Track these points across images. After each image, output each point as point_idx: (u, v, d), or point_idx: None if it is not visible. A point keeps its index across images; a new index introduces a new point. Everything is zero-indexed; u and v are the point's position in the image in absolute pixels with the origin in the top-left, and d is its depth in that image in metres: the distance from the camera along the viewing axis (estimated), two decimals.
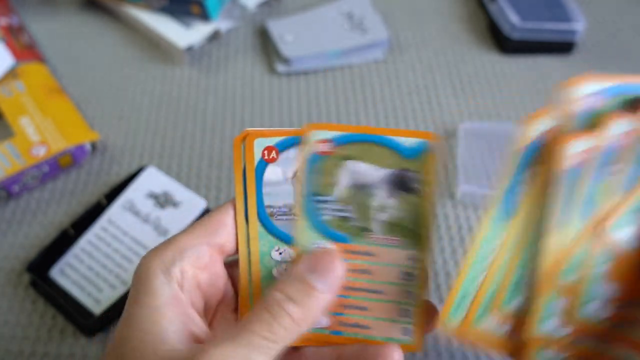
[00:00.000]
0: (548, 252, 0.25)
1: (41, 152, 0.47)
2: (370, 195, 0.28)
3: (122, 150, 0.51)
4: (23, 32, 0.58)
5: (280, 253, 0.29)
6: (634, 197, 0.25)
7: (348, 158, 0.28)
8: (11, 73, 0.53)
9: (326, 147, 0.28)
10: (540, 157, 0.26)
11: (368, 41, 0.57)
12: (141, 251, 0.43)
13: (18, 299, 0.42)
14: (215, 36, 0.58)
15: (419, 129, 0.53)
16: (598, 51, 0.59)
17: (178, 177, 0.49)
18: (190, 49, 0.57)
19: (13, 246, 0.45)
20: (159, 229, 0.44)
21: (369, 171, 0.28)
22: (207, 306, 0.29)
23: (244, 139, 0.28)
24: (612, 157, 0.25)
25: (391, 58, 0.59)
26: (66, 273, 0.42)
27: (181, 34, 0.57)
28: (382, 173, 0.28)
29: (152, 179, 0.46)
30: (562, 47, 0.58)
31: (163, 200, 0.45)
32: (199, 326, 0.27)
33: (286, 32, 0.58)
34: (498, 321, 0.27)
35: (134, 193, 0.45)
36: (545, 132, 0.25)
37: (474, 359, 0.39)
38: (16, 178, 0.46)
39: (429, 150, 0.28)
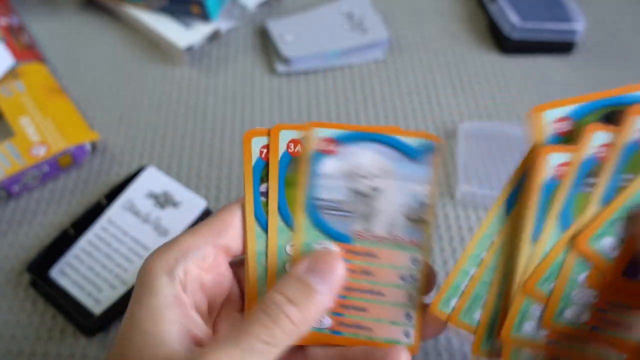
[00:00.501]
0: (521, 262, 0.26)
1: (41, 152, 0.47)
2: (372, 194, 0.28)
3: (122, 150, 0.51)
4: (23, 32, 0.58)
5: (319, 246, 0.29)
6: (613, 209, 0.25)
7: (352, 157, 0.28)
8: (11, 73, 0.53)
9: (329, 146, 0.28)
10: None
11: (368, 41, 0.57)
12: (141, 251, 0.43)
13: (18, 299, 0.42)
14: (215, 36, 0.58)
15: (419, 129, 0.53)
16: (598, 51, 0.59)
17: (178, 177, 0.49)
18: (190, 49, 0.57)
19: (13, 246, 0.45)
20: (159, 229, 0.44)
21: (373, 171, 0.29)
22: (212, 306, 0.29)
23: (270, 133, 0.28)
24: (590, 170, 0.25)
25: (391, 58, 0.59)
26: (66, 273, 0.42)
27: (181, 34, 0.57)
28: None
29: (152, 179, 0.46)
30: (562, 47, 0.58)
31: (163, 200, 0.45)
32: (200, 328, 0.26)
33: (286, 32, 0.58)
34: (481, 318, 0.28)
35: (134, 193, 0.45)
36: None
37: (474, 359, 0.39)
38: (16, 178, 0.46)
39: (432, 151, 0.28)
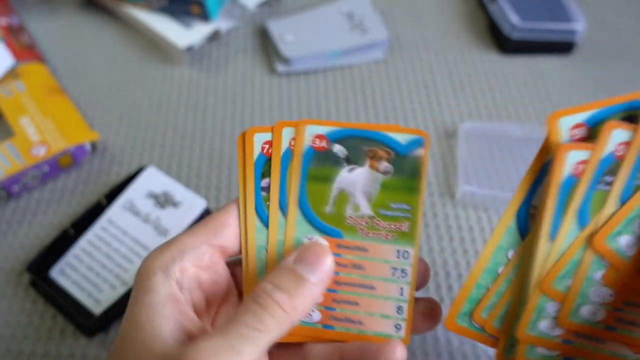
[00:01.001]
0: (538, 259, 0.26)
1: (41, 152, 0.47)
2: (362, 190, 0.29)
3: (122, 150, 0.51)
4: (23, 32, 0.58)
5: (309, 239, 0.29)
6: (630, 208, 0.25)
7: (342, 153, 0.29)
8: (11, 73, 0.53)
9: (321, 143, 0.29)
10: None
11: (368, 41, 0.57)
12: (141, 251, 0.43)
13: (18, 299, 0.42)
14: (215, 36, 0.58)
15: (419, 129, 0.53)
16: (598, 51, 0.59)
17: (178, 177, 0.49)
18: (190, 49, 0.57)
19: (13, 246, 0.45)
20: (159, 229, 0.44)
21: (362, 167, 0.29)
22: (210, 305, 0.29)
23: (290, 128, 0.29)
24: (609, 168, 0.25)
25: (391, 58, 0.59)
26: (66, 273, 0.42)
27: (181, 34, 0.57)
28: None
29: (152, 179, 0.46)
30: (562, 47, 0.58)
31: (163, 200, 0.45)
32: (196, 324, 0.27)
33: (286, 32, 0.58)
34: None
35: (134, 193, 0.45)
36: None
37: (474, 359, 0.39)
38: (16, 178, 0.46)
39: (421, 146, 0.28)
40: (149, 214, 0.44)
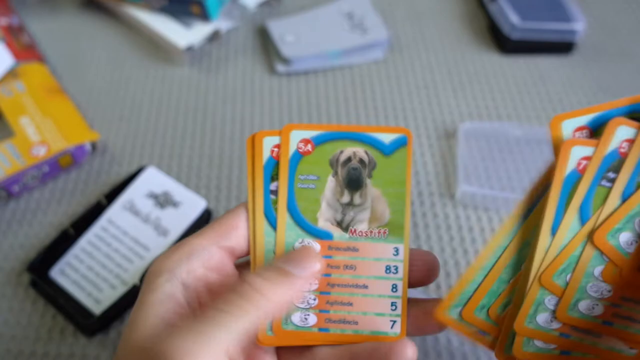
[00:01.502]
0: (539, 253, 0.26)
1: (41, 152, 0.47)
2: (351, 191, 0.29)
3: (122, 150, 0.51)
4: (23, 32, 0.58)
5: (300, 244, 0.29)
6: (632, 205, 0.25)
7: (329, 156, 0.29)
8: (11, 73, 0.53)
9: (307, 147, 0.29)
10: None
11: (368, 41, 0.57)
12: (141, 251, 0.43)
13: (18, 299, 0.42)
14: (215, 36, 0.58)
15: (419, 129, 0.53)
16: (598, 51, 0.59)
17: (178, 177, 0.49)
18: (190, 49, 0.57)
19: (13, 246, 0.45)
20: (159, 229, 0.44)
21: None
22: None
23: (280, 133, 0.29)
24: (612, 164, 0.25)
25: (391, 58, 0.59)
26: (66, 273, 0.42)
27: (181, 34, 0.57)
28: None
29: (152, 179, 0.46)
30: (562, 47, 0.58)
31: (163, 200, 0.45)
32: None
33: (286, 32, 0.58)
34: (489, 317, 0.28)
35: (134, 193, 0.45)
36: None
37: (474, 359, 0.39)
38: (16, 178, 0.46)
39: (404, 145, 0.29)
40: (149, 214, 0.44)
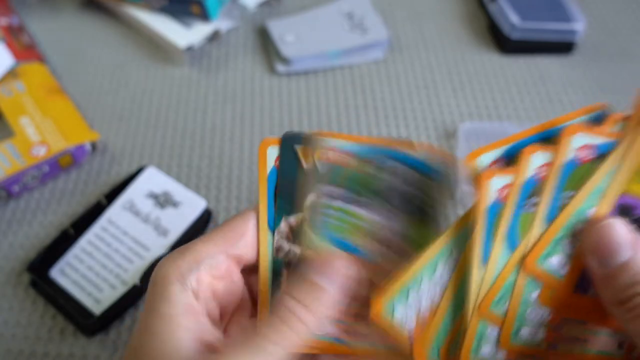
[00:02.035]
0: (473, 285, 0.26)
1: (41, 152, 0.47)
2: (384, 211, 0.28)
3: (122, 150, 0.51)
4: (23, 32, 0.58)
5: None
6: (557, 228, 0.25)
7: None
8: (11, 73, 0.53)
9: (337, 156, 0.28)
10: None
11: (368, 41, 0.57)
12: (141, 251, 0.43)
13: (18, 299, 0.42)
14: (215, 36, 0.58)
15: (419, 129, 0.53)
16: (598, 51, 0.59)
17: (178, 177, 0.49)
18: (190, 49, 0.57)
19: (13, 246, 0.45)
20: (159, 229, 0.44)
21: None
22: (223, 313, 0.29)
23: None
24: (532, 190, 0.26)
25: (391, 58, 0.59)
26: (66, 273, 0.42)
27: (181, 34, 0.57)
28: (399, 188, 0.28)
29: (152, 179, 0.46)
30: (562, 47, 0.58)
31: (163, 200, 0.45)
32: (214, 335, 0.27)
33: (286, 32, 0.58)
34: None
35: (134, 193, 0.45)
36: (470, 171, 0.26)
37: None
38: (16, 178, 0.46)
39: (447, 173, 0.28)
40: (149, 214, 0.44)
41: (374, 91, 0.56)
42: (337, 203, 0.28)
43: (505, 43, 0.58)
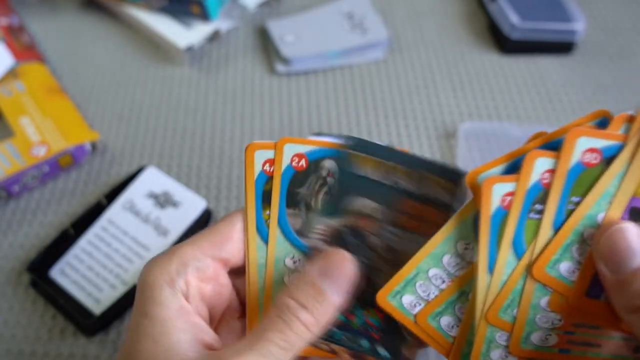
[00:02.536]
0: (480, 292, 0.26)
1: (41, 152, 0.47)
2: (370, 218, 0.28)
3: (122, 150, 0.51)
4: (23, 32, 0.58)
5: (294, 262, 0.29)
6: (565, 234, 0.25)
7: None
8: (11, 73, 0.53)
9: (301, 162, 0.28)
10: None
11: (368, 41, 0.57)
12: (141, 251, 0.43)
13: (18, 299, 0.42)
14: (215, 36, 0.58)
15: (419, 129, 0.53)
16: (598, 51, 0.59)
17: (178, 177, 0.49)
18: (190, 49, 0.57)
19: (13, 246, 0.45)
20: (159, 229, 0.44)
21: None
22: (212, 315, 0.29)
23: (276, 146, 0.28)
24: (537, 196, 0.25)
25: (391, 58, 0.59)
26: (66, 273, 0.42)
27: (181, 34, 0.57)
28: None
29: (152, 179, 0.46)
30: (562, 47, 0.58)
31: (163, 200, 0.45)
32: (210, 334, 0.27)
33: (286, 33, 0.58)
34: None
35: (134, 193, 0.45)
36: (472, 176, 0.26)
37: None
38: (16, 178, 0.46)
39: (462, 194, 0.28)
40: (149, 214, 0.44)
41: (374, 91, 0.56)
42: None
43: (505, 43, 0.58)
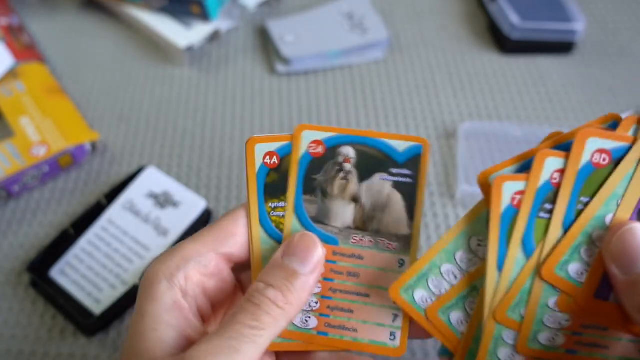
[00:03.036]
0: (489, 290, 0.26)
1: (41, 152, 0.47)
2: (361, 198, 0.29)
3: (122, 150, 0.51)
4: (23, 32, 0.58)
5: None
6: (574, 235, 0.25)
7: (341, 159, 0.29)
8: (11, 73, 0.53)
9: (318, 149, 0.28)
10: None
11: (368, 41, 0.57)
12: (141, 251, 0.43)
13: (18, 299, 0.42)
14: (215, 36, 0.58)
15: (419, 129, 0.53)
16: (598, 51, 0.59)
17: (178, 177, 0.49)
18: (190, 49, 0.57)
19: (13, 246, 0.45)
20: (159, 229, 0.44)
21: (362, 174, 0.29)
22: (216, 311, 0.29)
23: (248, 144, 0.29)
24: (547, 196, 0.25)
25: (391, 58, 0.59)
26: (66, 273, 0.42)
27: (181, 34, 0.57)
28: (375, 177, 0.29)
29: (152, 179, 0.46)
30: (562, 47, 0.58)
31: (163, 200, 0.45)
32: (198, 331, 0.27)
33: (286, 33, 0.58)
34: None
35: (134, 193, 0.45)
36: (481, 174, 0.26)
37: None
38: (16, 178, 0.46)
39: (420, 154, 0.28)
40: (149, 214, 0.44)
41: (374, 91, 0.56)
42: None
43: (505, 43, 0.58)
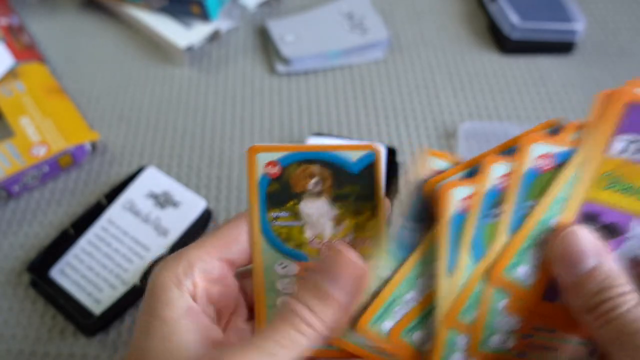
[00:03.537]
0: (441, 295, 0.26)
1: (41, 152, 0.47)
2: (323, 213, 0.29)
3: (122, 150, 0.51)
4: (23, 32, 0.58)
5: (283, 267, 0.29)
6: (522, 238, 0.26)
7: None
8: (11, 73, 0.53)
9: (275, 169, 0.29)
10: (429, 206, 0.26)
11: (368, 41, 0.57)
12: (141, 251, 0.43)
13: (18, 299, 0.42)
14: (215, 36, 0.58)
15: (419, 129, 0.53)
16: (598, 51, 0.59)
17: (178, 177, 0.49)
18: (190, 49, 0.57)
19: (13, 246, 0.45)
20: (159, 229, 0.44)
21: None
22: (220, 317, 0.29)
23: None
24: (495, 200, 0.26)
25: (391, 58, 0.59)
26: (66, 273, 0.42)
27: (181, 34, 0.57)
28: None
29: (152, 179, 0.46)
30: (562, 47, 0.58)
31: (163, 200, 0.45)
32: (218, 332, 0.27)
33: (286, 32, 0.58)
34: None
35: (134, 193, 0.45)
36: (427, 181, 0.26)
37: None
38: (16, 178, 0.46)
39: (374, 161, 0.28)
40: (149, 214, 0.44)
41: (374, 91, 0.56)
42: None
43: (505, 43, 0.58)
